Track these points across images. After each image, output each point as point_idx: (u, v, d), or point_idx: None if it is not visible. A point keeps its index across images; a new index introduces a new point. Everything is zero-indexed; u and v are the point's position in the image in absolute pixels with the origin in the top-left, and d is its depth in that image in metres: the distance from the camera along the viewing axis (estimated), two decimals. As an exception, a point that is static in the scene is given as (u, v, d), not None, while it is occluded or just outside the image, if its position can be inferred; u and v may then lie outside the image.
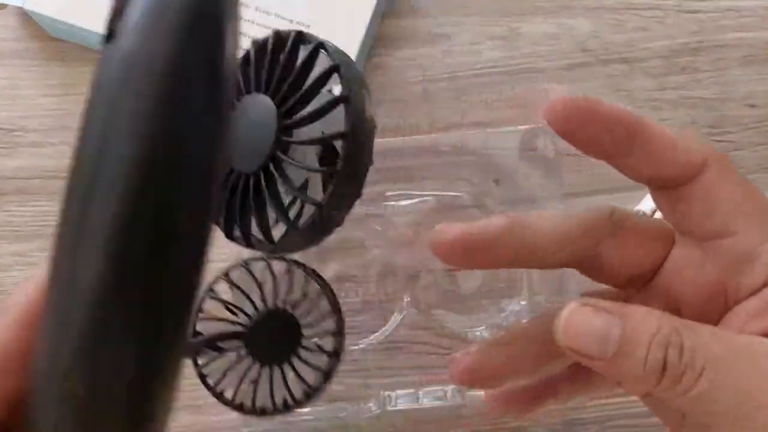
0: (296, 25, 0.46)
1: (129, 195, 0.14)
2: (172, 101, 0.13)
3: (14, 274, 0.44)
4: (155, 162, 0.14)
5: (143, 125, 0.13)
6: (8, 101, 0.48)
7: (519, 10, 0.49)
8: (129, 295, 0.14)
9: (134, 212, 0.14)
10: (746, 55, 0.48)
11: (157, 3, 0.13)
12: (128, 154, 0.14)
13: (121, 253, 0.14)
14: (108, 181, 0.14)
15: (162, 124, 0.13)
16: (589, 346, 0.21)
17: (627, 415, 0.43)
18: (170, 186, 0.14)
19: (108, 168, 0.14)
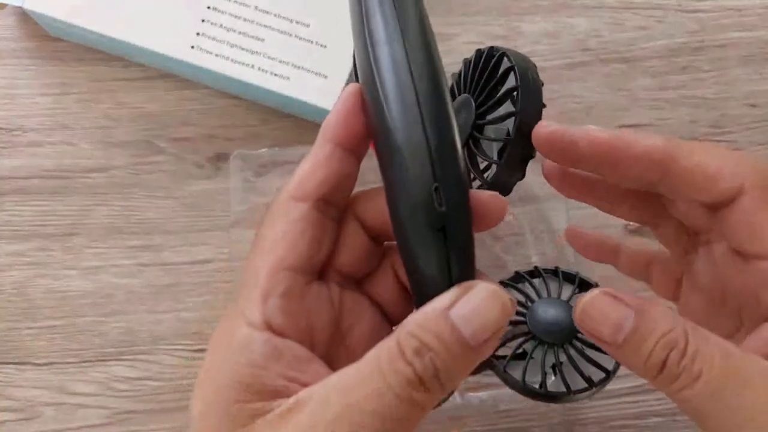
0: (296, 24, 0.46)
1: None
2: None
3: (13, 274, 0.44)
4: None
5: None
6: (7, 100, 0.48)
7: (519, 9, 0.49)
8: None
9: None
10: (746, 55, 0.48)
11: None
12: None
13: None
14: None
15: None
16: (602, 330, 0.23)
17: (627, 415, 0.43)
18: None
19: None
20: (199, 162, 0.47)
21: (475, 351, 0.21)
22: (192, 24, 0.46)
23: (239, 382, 0.22)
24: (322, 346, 0.24)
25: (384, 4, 0.23)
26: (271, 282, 0.23)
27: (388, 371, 0.20)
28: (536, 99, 0.31)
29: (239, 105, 0.48)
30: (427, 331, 0.21)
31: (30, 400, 0.42)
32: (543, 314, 0.37)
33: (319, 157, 0.24)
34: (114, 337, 0.43)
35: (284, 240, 0.24)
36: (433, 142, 0.21)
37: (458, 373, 0.21)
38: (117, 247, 0.45)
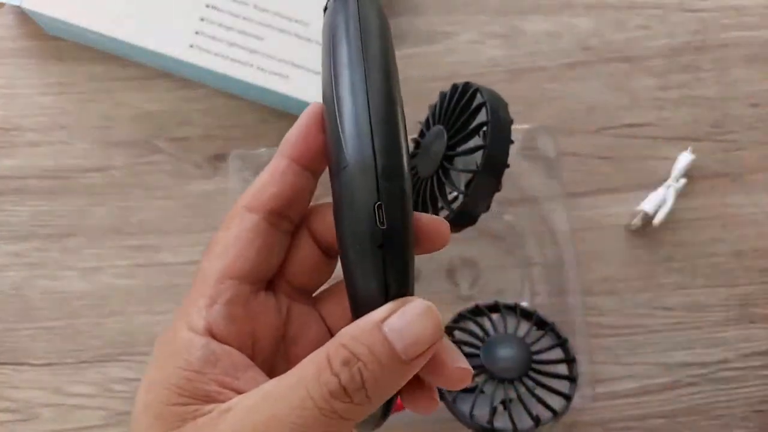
0: (294, 23, 0.46)
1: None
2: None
3: (11, 274, 0.44)
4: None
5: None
6: (5, 100, 0.48)
7: (520, 9, 0.49)
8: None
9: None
10: (748, 54, 0.48)
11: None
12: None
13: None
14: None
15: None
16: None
17: (628, 417, 0.43)
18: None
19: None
20: (197, 162, 0.46)
21: (406, 365, 0.21)
22: (191, 23, 0.46)
23: (174, 384, 0.22)
24: (265, 354, 0.25)
25: (350, 31, 0.24)
26: (218, 289, 0.24)
27: (313, 382, 0.21)
28: (505, 135, 0.33)
29: (238, 104, 0.48)
30: (358, 343, 0.21)
31: (28, 401, 0.42)
32: (498, 350, 0.38)
33: (275, 172, 0.25)
34: (112, 338, 0.43)
35: (233, 248, 0.24)
36: (380, 160, 0.22)
37: (386, 387, 0.21)
38: (115, 247, 0.45)
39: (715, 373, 0.43)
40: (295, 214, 0.26)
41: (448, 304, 0.43)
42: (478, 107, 0.34)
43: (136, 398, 0.23)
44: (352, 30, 0.24)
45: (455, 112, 0.35)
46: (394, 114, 0.23)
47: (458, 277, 0.44)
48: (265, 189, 0.25)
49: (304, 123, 0.25)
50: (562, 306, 0.42)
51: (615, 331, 0.44)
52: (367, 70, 0.23)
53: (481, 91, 0.34)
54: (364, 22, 0.25)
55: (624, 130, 0.47)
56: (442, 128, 0.35)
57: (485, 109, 0.33)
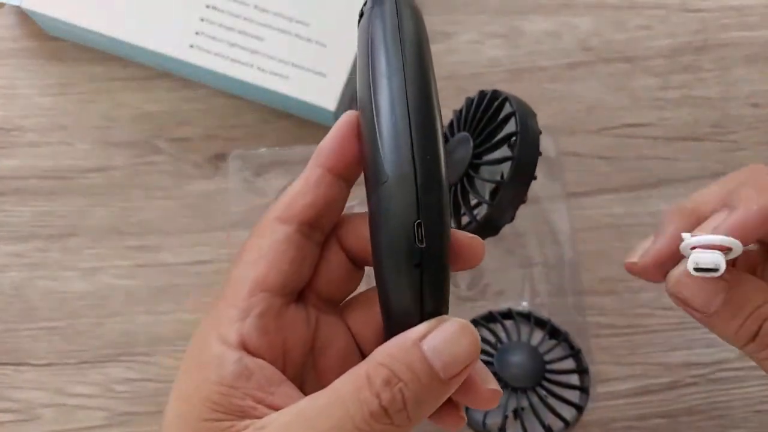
0: (295, 23, 0.46)
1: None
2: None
3: (12, 275, 0.44)
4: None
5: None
6: (6, 101, 0.48)
7: (520, 9, 0.49)
8: None
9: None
10: (749, 54, 0.48)
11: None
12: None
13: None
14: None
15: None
16: (694, 300, 0.25)
17: (629, 417, 0.43)
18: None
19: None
20: (198, 162, 0.46)
21: (445, 384, 0.21)
22: (191, 23, 0.46)
23: (208, 399, 0.22)
24: (295, 367, 0.25)
25: (388, 39, 0.24)
26: (250, 301, 0.23)
27: (352, 402, 0.20)
28: (533, 147, 0.33)
29: (238, 105, 0.47)
30: (398, 361, 0.21)
31: (29, 402, 0.42)
32: (511, 358, 0.38)
33: (309, 182, 0.25)
34: (113, 339, 0.43)
35: (266, 260, 0.24)
36: (421, 177, 0.22)
37: (426, 407, 0.21)
38: (115, 247, 0.45)
39: (715, 373, 0.43)
40: (328, 224, 0.26)
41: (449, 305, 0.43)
42: (506, 117, 0.34)
43: (166, 409, 0.23)
44: (390, 37, 0.24)
45: (482, 120, 0.35)
46: (434, 127, 0.23)
47: (458, 277, 0.44)
48: (298, 199, 0.24)
49: (339, 131, 0.25)
50: (562, 306, 0.42)
51: (615, 331, 0.44)
52: (406, 80, 0.23)
53: (510, 101, 0.34)
54: (402, 28, 0.24)
55: (625, 130, 0.47)
56: (467, 135, 0.35)
57: (514, 119, 0.33)
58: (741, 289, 0.25)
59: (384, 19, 0.25)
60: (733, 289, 0.25)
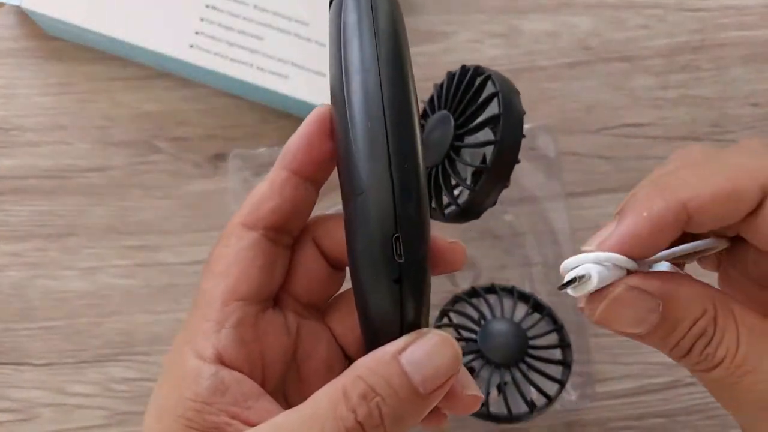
0: (294, 23, 0.46)
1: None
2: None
3: (11, 274, 0.44)
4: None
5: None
6: (5, 100, 0.48)
7: (519, 8, 0.49)
8: None
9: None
10: (747, 54, 0.48)
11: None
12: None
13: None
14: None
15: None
16: (630, 324, 0.22)
17: (628, 416, 0.43)
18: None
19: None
20: (197, 162, 0.46)
21: (424, 399, 0.21)
22: (190, 23, 0.46)
23: (182, 416, 0.21)
24: (276, 375, 0.24)
25: (363, 29, 0.22)
26: (224, 312, 0.22)
27: (327, 418, 0.20)
28: (517, 130, 0.31)
29: (238, 104, 0.47)
30: (376, 375, 0.20)
31: (28, 401, 0.42)
32: (494, 333, 0.38)
33: (273, 185, 0.24)
34: (112, 338, 0.43)
35: (235, 268, 0.23)
36: (398, 189, 0.21)
37: (404, 422, 0.21)
38: (115, 247, 0.45)
39: (714, 372, 0.43)
40: (295, 227, 0.25)
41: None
42: (489, 97, 0.32)
43: (145, 422, 0.22)
44: (365, 27, 0.22)
45: (464, 99, 0.33)
46: (412, 132, 0.21)
47: (458, 277, 0.44)
48: (263, 204, 0.24)
49: (306, 132, 0.23)
50: (561, 306, 0.42)
51: (614, 331, 0.44)
52: (382, 78, 0.21)
53: (493, 79, 0.32)
54: (377, 17, 0.22)
55: (624, 130, 0.47)
56: (448, 115, 0.33)
57: (497, 100, 0.31)
58: (676, 304, 0.22)
59: (359, 5, 0.23)
60: (667, 307, 0.22)
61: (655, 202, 0.22)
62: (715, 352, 0.22)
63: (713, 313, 0.22)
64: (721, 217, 0.22)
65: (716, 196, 0.21)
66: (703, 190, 0.21)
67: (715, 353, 0.22)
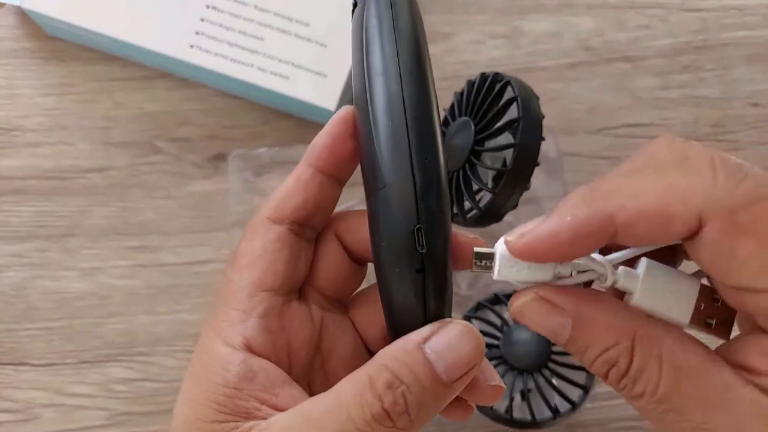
0: (295, 23, 0.46)
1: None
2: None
3: (11, 275, 0.44)
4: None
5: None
6: (6, 101, 0.48)
7: (521, 9, 0.49)
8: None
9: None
10: (750, 54, 0.48)
11: None
12: None
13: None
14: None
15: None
16: (542, 332, 0.23)
17: (628, 417, 0.43)
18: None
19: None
20: (198, 162, 0.46)
21: (448, 387, 0.21)
22: (191, 23, 0.46)
23: (213, 401, 0.22)
24: (301, 366, 0.24)
25: (383, 33, 0.23)
26: (251, 302, 0.23)
27: (354, 405, 0.20)
28: (536, 133, 0.32)
29: (238, 105, 0.47)
30: (400, 364, 0.21)
31: (28, 402, 0.42)
32: (516, 340, 0.38)
33: (299, 181, 0.25)
34: (112, 339, 0.43)
35: (261, 260, 0.24)
36: (420, 182, 0.22)
37: (428, 410, 0.21)
38: (115, 247, 0.45)
39: (716, 373, 0.43)
40: (319, 222, 0.25)
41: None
42: (508, 101, 0.33)
43: (175, 411, 0.23)
44: (386, 31, 0.23)
45: (484, 105, 0.34)
46: (433, 129, 0.22)
47: (458, 277, 0.44)
48: (289, 199, 0.24)
49: (331, 131, 0.24)
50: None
51: (616, 332, 0.44)
52: (402, 78, 0.22)
53: (512, 85, 0.33)
54: (398, 21, 0.23)
55: (625, 130, 0.47)
56: (468, 120, 0.34)
57: (516, 104, 0.32)
58: (585, 329, 0.21)
59: (379, 10, 0.24)
60: (576, 329, 0.21)
61: (580, 208, 0.21)
62: (633, 385, 0.22)
63: (628, 346, 0.21)
64: (649, 237, 0.21)
65: (643, 214, 0.20)
66: (631, 205, 0.20)
67: (633, 387, 0.22)
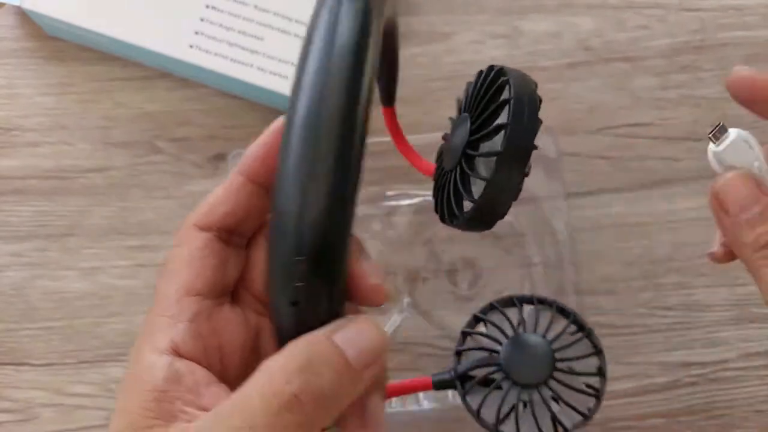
0: (295, 23, 0.46)
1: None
2: None
3: (11, 274, 0.44)
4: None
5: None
6: (6, 100, 0.48)
7: (521, 9, 0.49)
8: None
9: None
10: (748, 54, 0.48)
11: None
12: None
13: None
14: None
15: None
16: (734, 202, 0.27)
17: (628, 416, 0.43)
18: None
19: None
20: (198, 162, 0.46)
21: (358, 374, 0.21)
22: (190, 23, 0.46)
23: (143, 408, 0.22)
24: (235, 368, 0.24)
25: (313, 45, 0.22)
26: (179, 307, 0.23)
27: (263, 394, 0.20)
28: (529, 111, 0.30)
29: (238, 105, 0.48)
30: (310, 351, 0.21)
31: (28, 401, 0.42)
32: (519, 350, 0.35)
33: (229, 189, 0.25)
34: (112, 339, 0.43)
35: (188, 266, 0.24)
36: (308, 215, 0.20)
37: (340, 399, 0.21)
38: (115, 247, 0.45)
39: (715, 373, 0.43)
40: (248, 229, 0.25)
41: (448, 304, 0.43)
42: (502, 86, 0.31)
43: (110, 424, 0.23)
44: (320, 40, 0.21)
45: (478, 96, 0.32)
46: (337, 157, 0.21)
47: (458, 277, 0.44)
48: (218, 207, 0.24)
49: (264, 141, 0.25)
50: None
51: (615, 331, 0.44)
52: (320, 97, 0.21)
53: (505, 71, 0.32)
54: (337, 29, 0.22)
55: (624, 130, 0.47)
56: (466, 115, 0.33)
57: (508, 86, 0.30)
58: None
59: (318, 16, 0.22)
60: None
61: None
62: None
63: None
64: None
65: None
66: None
67: None
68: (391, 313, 0.44)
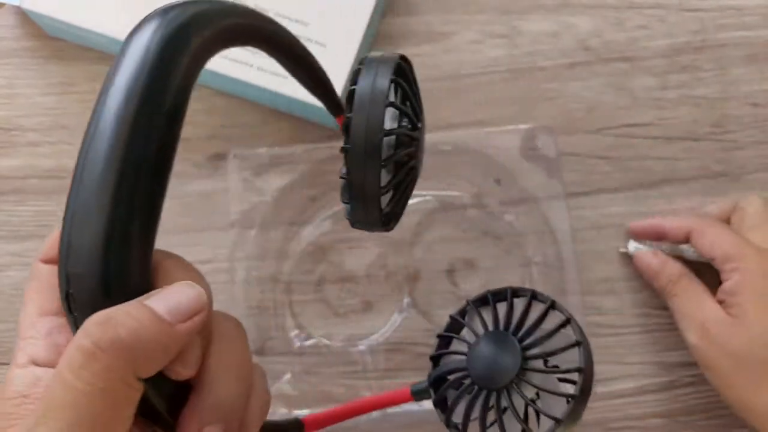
0: (295, 23, 0.46)
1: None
2: None
3: (11, 274, 0.44)
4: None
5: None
6: (6, 100, 0.48)
7: (520, 8, 0.49)
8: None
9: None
10: (748, 54, 0.48)
11: None
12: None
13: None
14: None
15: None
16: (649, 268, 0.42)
17: (628, 416, 0.43)
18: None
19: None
20: (197, 162, 0.46)
21: (170, 326, 0.22)
22: (191, 23, 0.46)
23: (7, 414, 0.23)
24: None
25: (103, 92, 0.23)
26: (35, 328, 0.25)
27: (66, 354, 0.21)
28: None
29: (238, 104, 0.48)
30: (110, 311, 0.21)
31: (28, 401, 0.42)
32: (485, 351, 0.33)
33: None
34: (113, 338, 0.43)
35: (39, 294, 0.26)
36: (64, 266, 0.22)
37: (149, 346, 0.22)
38: (116, 247, 0.45)
39: (715, 372, 0.43)
40: None
41: (447, 304, 0.43)
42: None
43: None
44: (105, 89, 0.23)
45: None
46: (100, 212, 0.23)
47: (458, 277, 0.44)
48: (57, 243, 0.26)
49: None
50: (561, 306, 0.42)
51: (614, 331, 0.44)
52: (86, 152, 0.22)
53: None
54: (117, 72, 0.23)
55: (624, 130, 0.47)
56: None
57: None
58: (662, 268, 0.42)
59: (120, 54, 0.23)
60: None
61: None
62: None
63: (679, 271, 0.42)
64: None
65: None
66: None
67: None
68: (391, 313, 0.44)
